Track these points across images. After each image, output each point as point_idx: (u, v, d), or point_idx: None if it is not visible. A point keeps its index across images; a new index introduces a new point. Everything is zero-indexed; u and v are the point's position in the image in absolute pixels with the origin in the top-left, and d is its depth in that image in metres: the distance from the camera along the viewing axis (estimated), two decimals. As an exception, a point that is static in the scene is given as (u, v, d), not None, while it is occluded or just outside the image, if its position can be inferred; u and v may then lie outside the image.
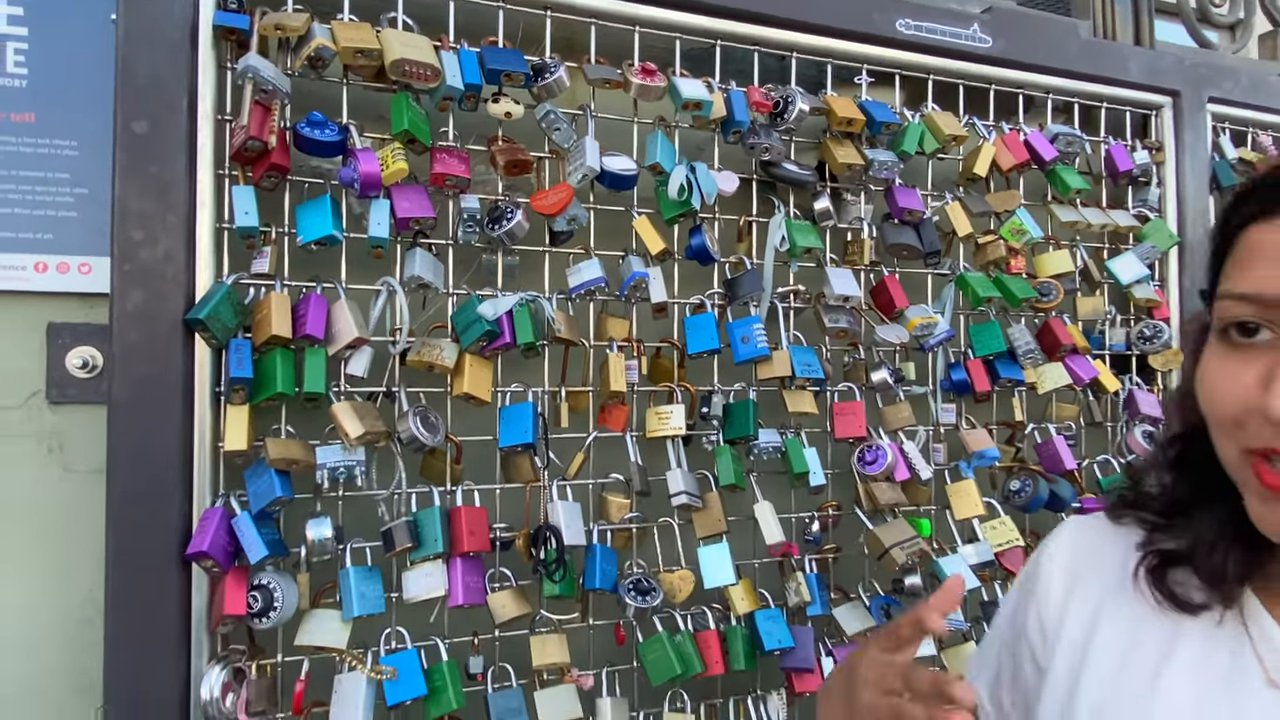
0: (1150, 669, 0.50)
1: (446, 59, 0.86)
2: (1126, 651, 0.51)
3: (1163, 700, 0.49)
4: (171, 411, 0.77)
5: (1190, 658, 0.49)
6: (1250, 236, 0.46)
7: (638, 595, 0.92)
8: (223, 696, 0.78)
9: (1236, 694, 0.47)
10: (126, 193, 0.77)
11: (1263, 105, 1.34)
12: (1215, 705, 0.48)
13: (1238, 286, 0.45)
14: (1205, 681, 0.48)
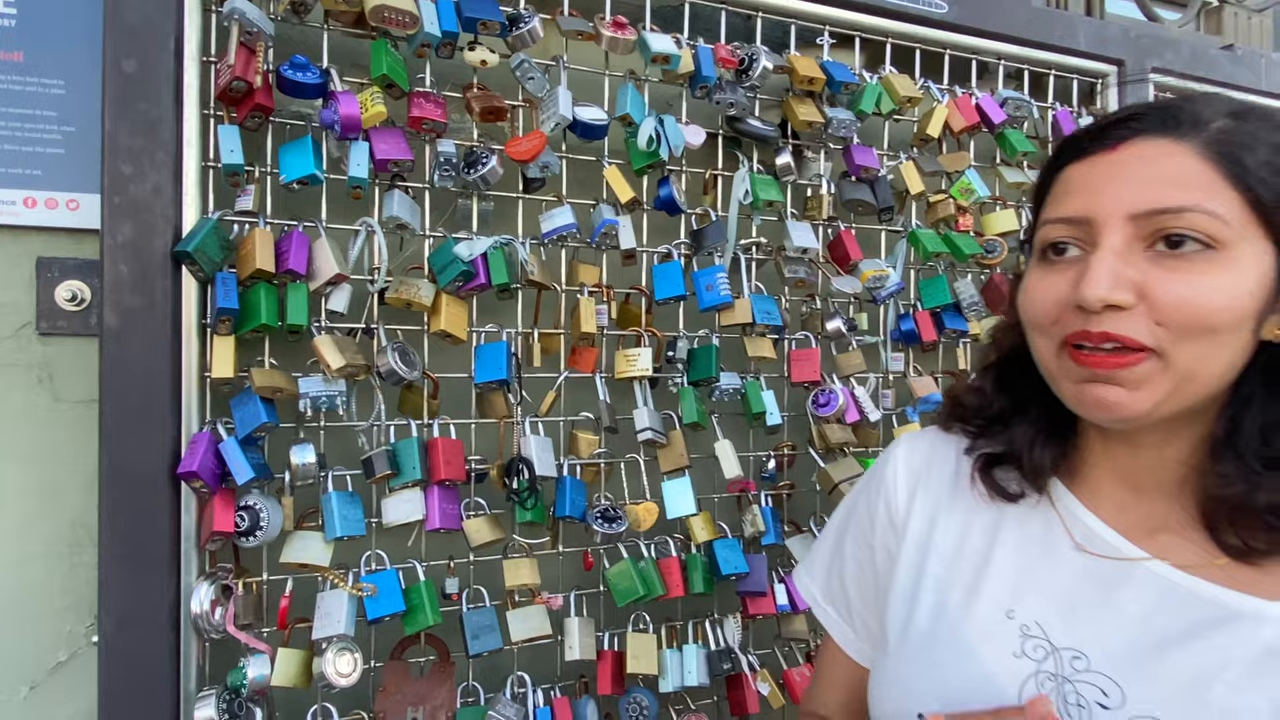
0: (983, 548, 0.62)
1: (424, 6, 0.89)
2: (962, 537, 0.62)
3: (994, 570, 0.61)
4: (160, 340, 0.81)
5: (1013, 536, 0.61)
6: (1063, 175, 0.57)
7: (604, 523, 0.98)
8: (211, 610, 0.83)
9: (1052, 558, 0.59)
10: (116, 129, 0.80)
11: (1202, 76, 1.41)
12: (1035, 569, 0.59)
13: (1054, 213, 0.57)
14: (1027, 552, 0.60)
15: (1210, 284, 0.52)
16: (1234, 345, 0.53)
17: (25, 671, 0.88)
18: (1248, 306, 0.52)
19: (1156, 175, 0.53)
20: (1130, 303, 0.52)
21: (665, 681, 1.01)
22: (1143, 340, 0.52)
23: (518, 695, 0.96)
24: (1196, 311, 0.51)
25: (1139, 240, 0.53)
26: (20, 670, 0.88)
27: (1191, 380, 0.53)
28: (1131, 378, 0.52)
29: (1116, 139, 0.55)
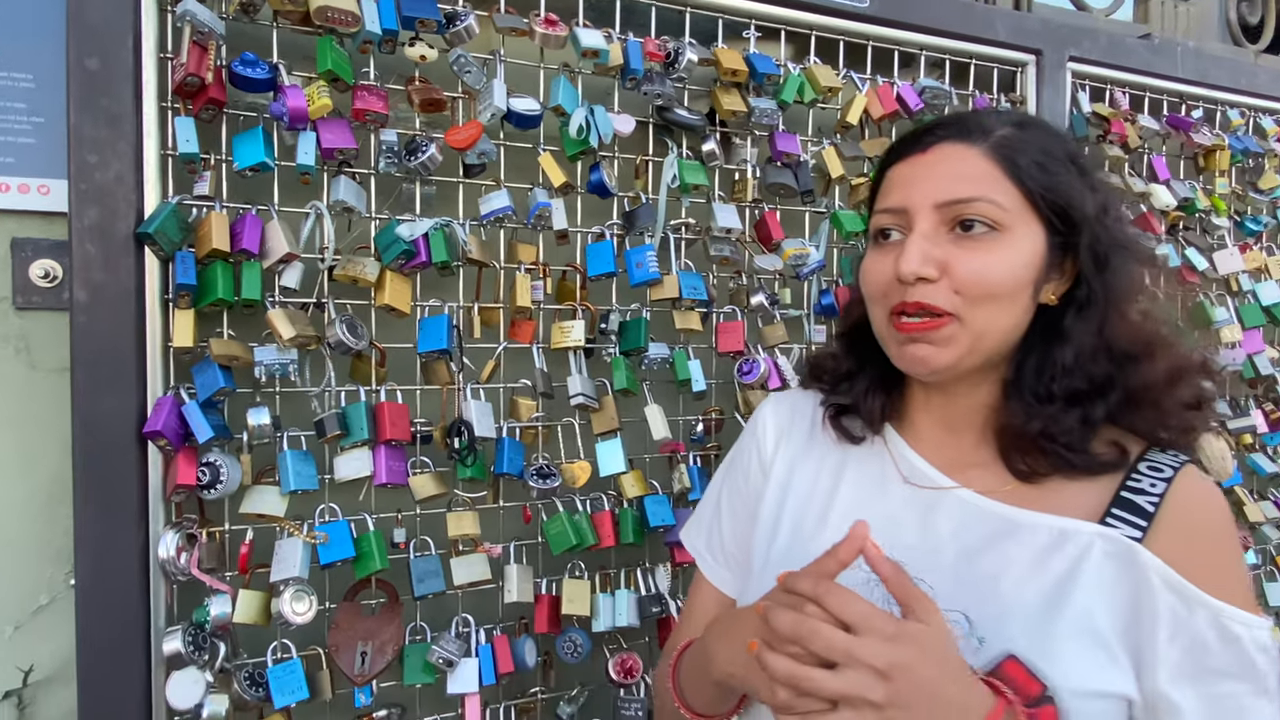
0: (830, 485, 0.75)
1: (366, 6, 0.97)
2: (815, 477, 0.75)
3: (839, 501, 0.74)
4: (125, 313, 0.90)
5: (855, 474, 0.74)
6: (888, 174, 0.70)
7: (539, 479, 1.08)
8: (177, 556, 0.92)
9: (884, 490, 0.72)
10: (81, 121, 0.88)
11: (1119, 64, 1.50)
12: (871, 500, 0.72)
13: (881, 205, 0.69)
14: (865, 486, 0.73)
15: (995, 259, 0.64)
16: (1016, 308, 0.65)
17: (10, 614, 0.98)
18: (1024, 277, 0.64)
19: (954, 172, 0.65)
20: (935, 276, 0.63)
21: (598, 622, 1.11)
22: (945, 307, 0.63)
23: (462, 634, 1.06)
24: (985, 282, 0.63)
25: (943, 225, 0.64)
26: (5, 612, 0.98)
27: (984, 338, 0.64)
28: (939, 338, 0.64)
29: (926, 144, 0.67)
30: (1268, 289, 1.65)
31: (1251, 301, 1.64)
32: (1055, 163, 0.67)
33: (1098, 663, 0.62)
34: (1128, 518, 0.65)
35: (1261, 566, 1.67)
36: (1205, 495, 0.68)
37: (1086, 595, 0.63)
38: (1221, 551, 0.66)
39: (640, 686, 1.15)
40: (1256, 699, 0.62)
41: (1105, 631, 0.63)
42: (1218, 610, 0.62)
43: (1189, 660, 0.62)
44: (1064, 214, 0.66)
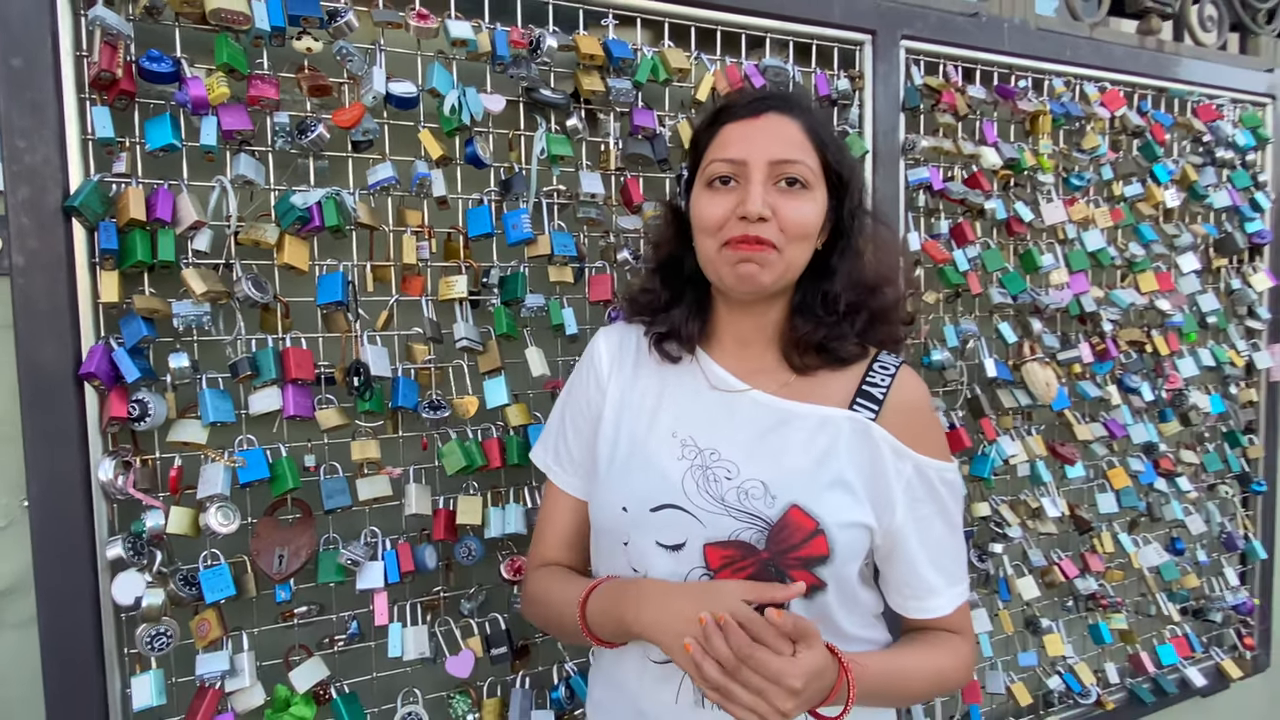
0: (655, 398, 0.94)
1: (255, 5, 1.12)
2: (644, 393, 0.95)
3: (663, 409, 0.92)
4: (58, 275, 1.06)
5: (674, 387, 0.95)
6: (723, 131, 0.90)
7: (431, 410, 1.27)
8: (115, 479, 1.09)
9: (697, 396, 0.93)
10: (9, 111, 1.03)
11: (949, 40, 1.70)
12: (688, 404, 0.93)
13: (719, 155, 0.88)
14: (682, 394, 0.92)
15: (807, 208, 0.87)
16: (809, 247, 0.90)
17: (-27, 536, 1.14)
18: (817, 224, 0.89)
19: (783, 137, 0.86)
20: (770, 216, 0.85)
21: (490, 530, 1.31)
22: (773, 240, 0.85)
23: (369, 543, 1.25)
24: (801, 224, 0.87)
25: (771, 178, 0.86)
26: (-31, 535, 1.14)
27: (790, 266, 0.88)
28: (764, 260, 0.86)
29: (758, 110, 0.88)
30: (1092, 236, 1.89)
31: (1078, 247, 1.89)
32: (837, 140, 0.90)
33: (848, 504, 0.87)
34: (866, 405, 0.92)
35: (1093, 480, 1.94)
36: (914, 385, 0.96)
37: (839, 460, 0.88)
38: (923, 423, 0.94)
39: (528, 584, 1.35)
40: (939, 516, 0.93)
41: (853, 482, 0.88)
42: (919, 462, 0.91)
43: (905, 497, 0.90)
44: (840, 180, 0.91)
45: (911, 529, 0.90)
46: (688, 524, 0.85)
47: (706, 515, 0.85)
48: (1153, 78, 2.01)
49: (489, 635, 1.33)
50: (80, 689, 1.09)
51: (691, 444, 0.90)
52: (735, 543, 0.85)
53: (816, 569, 0.85)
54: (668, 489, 0.88)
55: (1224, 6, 2.30)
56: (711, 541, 0.85)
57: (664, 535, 0.86)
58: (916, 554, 0.91)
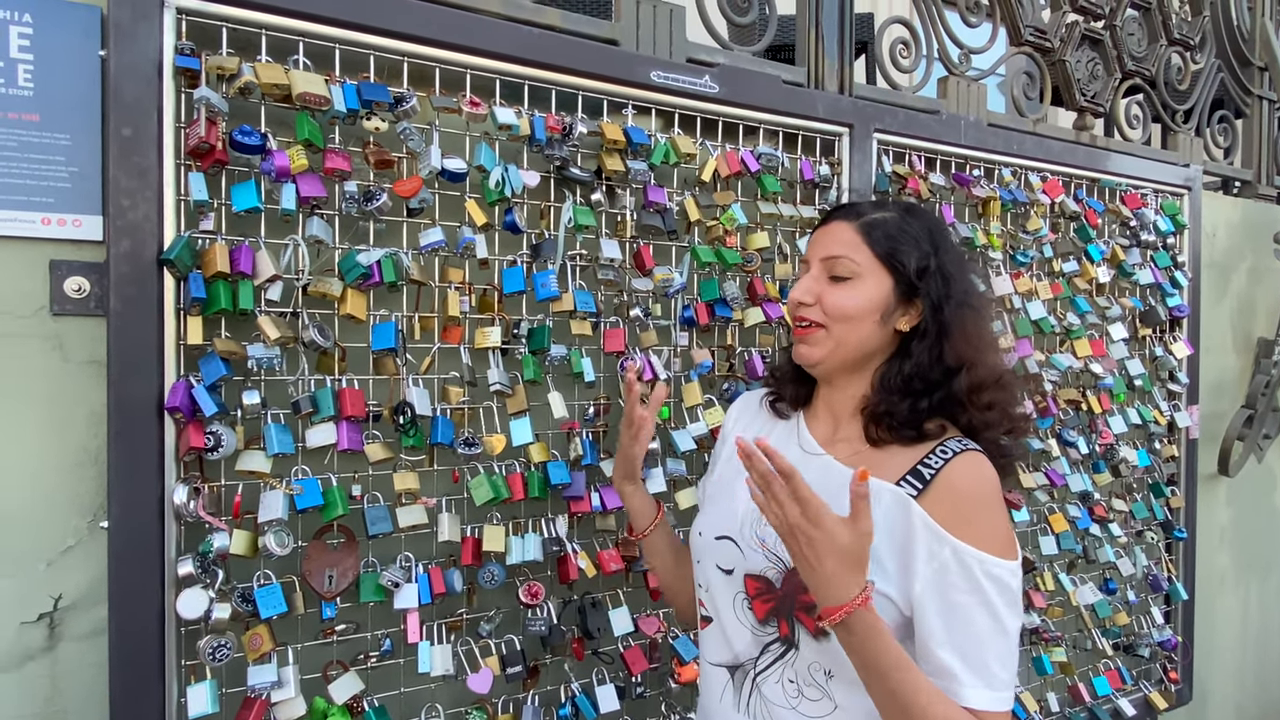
0: None
1: (334, 91, 1.29)
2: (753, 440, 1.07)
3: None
4: (150, 318, 1.19)
5: (775, 438, 1.09)
6: (811, 236, 1.08)
7: (466, 447, 1.42)
8: (187, 503, 1.21)
9: (787, 451, 1.05)
10: (118, 174, 1.17)
11: (915, 134, 1.95)
12: None
13: (803, 255, 1.09)
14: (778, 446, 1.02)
15: (847, 294, 1.00)
16: (864, 326, 1.00)
17: (43, 553, 1.24)
18: (868, 307, 1.00)
19: (836, 239, 1.03)
20: (811, 302, 1.01)
21: (510, 557, 1.45)
22: (817, 320, 1.01)
23: (404, 566, 1.38)
24: (840, 308, 1.00)
25: (824, 271, 1.02)
26: (40, 551, 1.24)
27: (842, 344, 1.01)
28: (811, 340, 1.02)
29: (828, 220, 1.06)
30: (1035, 307, 2.15)
31: (1023, 316, 2.14)
32: (905, 236, 1.01)
33: (872, 571, 0.90)
34: (913, 482, 0.96)
35: (1035, 524, 2.16)
36: (969, 472, 0.95)
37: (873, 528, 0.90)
38: (971, 511, 0.92)
39: (544, 608, 1.49)
40: (981, 608, 0.89)
41: (879, 550, 0.92)
42: (957, 547, 0.90)
43: (936, 577, 0.90)
44: (901, 269, 1.00)
45: (934, 608, 0.89)
46: (735, 555, 1.02)
47: (748, 550, 1.01)
48: (1088, 170, 2.31)
49: (504, 655, 1.46)
50: (143, 697, 1.19)
51: None
52: (763, 577, 1.00)
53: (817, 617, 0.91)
54: (730, 524, 1.04)
55: (1147, 106, 2.63)
56: (749, 573, 1.00)
57: (721, 560, 1.03)
58: (935, 632, 0.89)
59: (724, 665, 1.04)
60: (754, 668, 1.00)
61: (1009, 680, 0.89)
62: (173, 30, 1.20)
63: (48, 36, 1.22)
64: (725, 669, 1.04)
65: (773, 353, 1.78)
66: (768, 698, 0.98)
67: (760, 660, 0.99)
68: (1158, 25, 2.61)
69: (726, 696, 1.03)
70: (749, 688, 1.00)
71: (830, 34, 1.90)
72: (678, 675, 1.62)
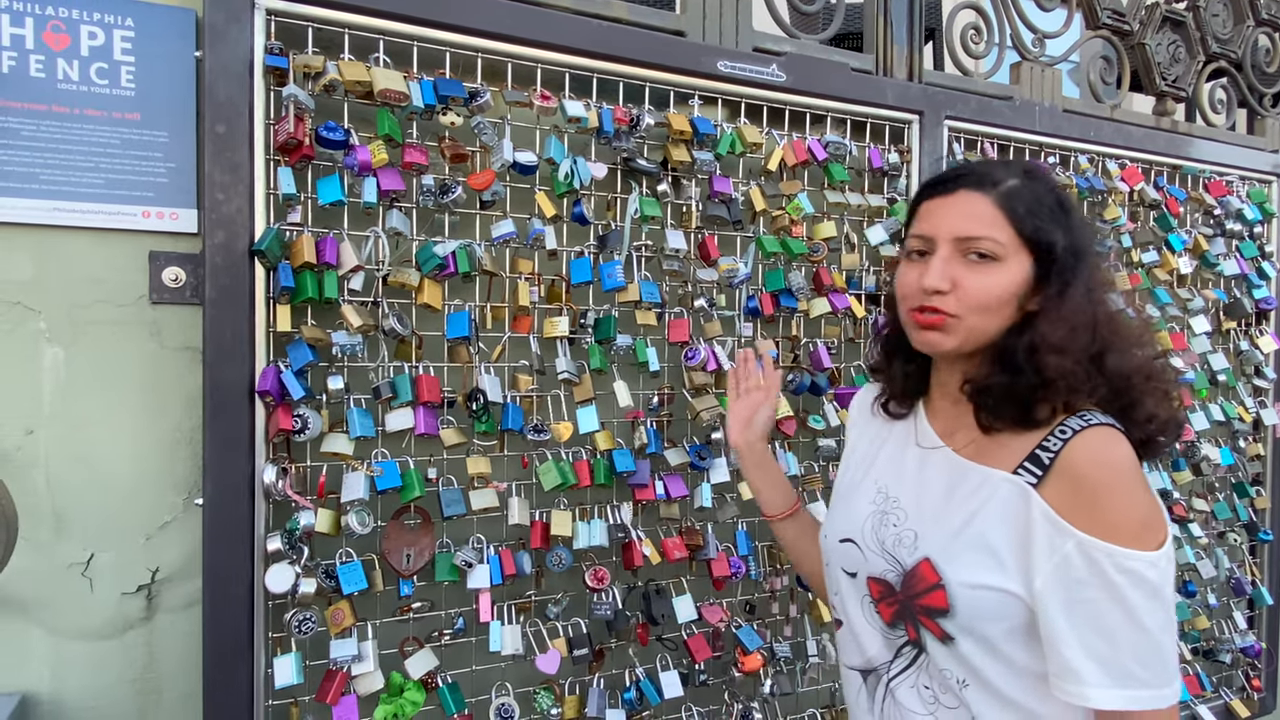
0: (875, 449, 1.06)
1: (413, 87, 1.34)
2: (869, 444, 1.07)
3: (875, 463, 1.04)
4: (242, 306, 1.25)
5: (893, 440, 1.04)
6: (921, 207, 0.93)
7: (535, 433, 1.45)
8: (276, 482, 1.27)
9: (903, 451, 1.01)
10: (212, 169, 1.23)
11: (988, 121, 1.91)
12: (892, 458, 1.02)
13: (914, 231, 0.93)
14: (892, 449, 1.03)
15: (992, 280, 0.86)
16: (1003, 314, 0.88)
17: (144, 527, 1.32)
18: (1010, 294, 0.87)
19: (969, 213, 0.87)
20: (947, 289, 0.87)
21: (577, 541, 1.48)
22: (952, 311, 0.87)
23: (476, 548, 1.42)
24: (983, 296, 0.86)
25: (957, 251, 0.88)
26: (141, 526, 1.32)
27: (975, 332, 0.88)
28: (944, 328, 0.88)
29: (951, 188, 0.90)
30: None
31: (1098, 308, 2.06)
32: (1044, 209, 0.87)
33: (986, 566, 0.85)
34: (1031, 469, 0.85)
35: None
36: (1089, 451, 0.84)
37: (986, 522, 0.86)
38: (1094, 497, 0.82)
39: (610, 592, 1.52)
40: (1112, 604, 0.80)
41: (998, 546, 0.85)
42: (1081, 540, 0.80)
43: (1058, 573, 0.81)
44: (1044, 249, 0.87)
45: (1057, 606, 0.82)
46: (858, 558, 0.97)
47: (869, 553, 0.95)
48: (1168, 156, 2.22)
49: (571, 638, 1.49)
50: (234, 666, 1.26)
51: (884, 492, 0.98)
52: (883, 580, 0.93)
53: (939, 620, 0.87)
54: (853, 526, 1.00)
55: (1232, 90, 2.52)
56: (871, 575, 0.95)
57: (846, 563, 0.99)
58: (1059, 631, 0.82)
59: (857, 669, 1.00)
60: (887, 672, 0.95)
61: (1153, 679, 0.81)
62: (262, 31, 1.26)
63: (147, 40, 1.29)
64: (859, 672, 0.99)
65: (838, 344, 1.77)
66: (902, 703, 0.93)
67: (894, 664, 0.95)
68: (1244, 5, 2.49)
69: (862, 699, 0.98)
70: (882, 692, 0.96)
71: (899, 20, 1.87)
72: (741, 664, 1.63)
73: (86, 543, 1.29)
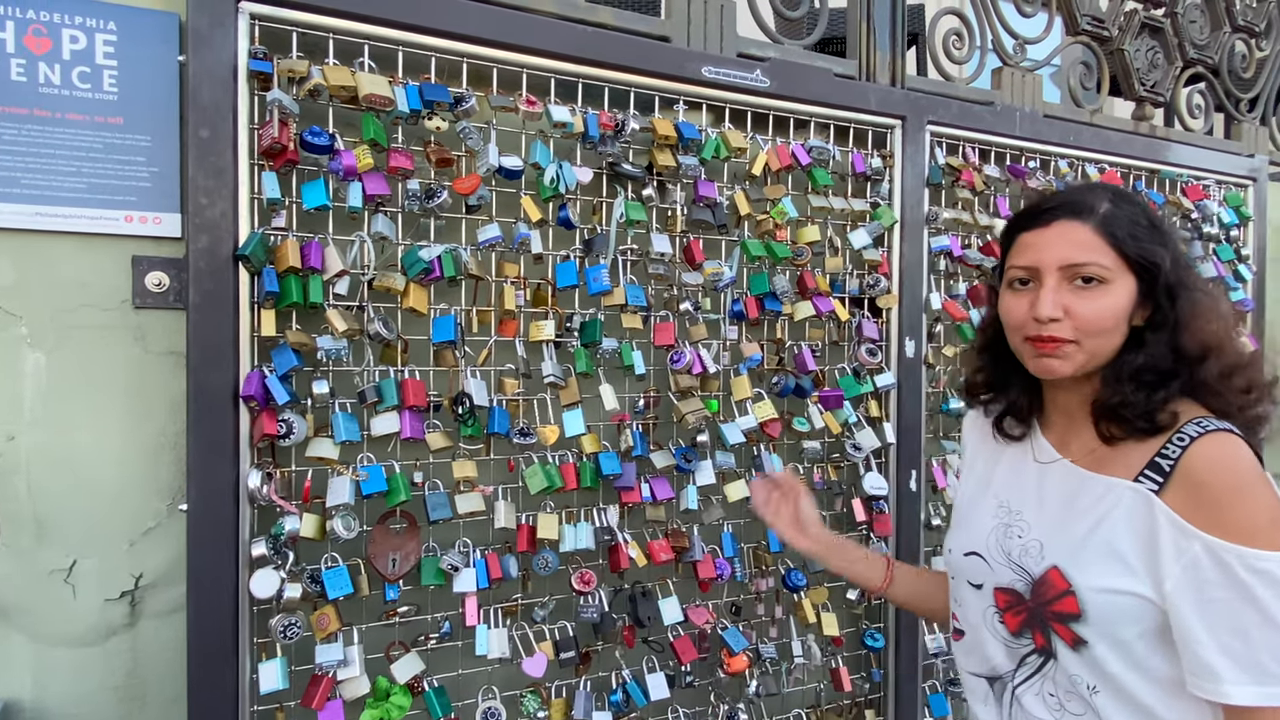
0: (992, 468, 1.06)
1: (398, 91, 1.34)
2: (986, 462, 1.08)
3: (994, 479, 1.05)
4: (226, 311, 1.25)
5: (1007, 459, 1.04)
6: (1019, 239, 0.95)
7: (521, 437, 1.45)
8: (260, 487, 1.27)
9: (1022, 467, 1.01)
10: (196, 174, 1.23)
11: (969, 126, 1.94)
12: (1012, 475, 1.02)
13: (1016, 263, 0.95)
14: (1011, 466, 1.04)
15: (1102, 304, 0.89)
16: (1117, 335, 0.91)
17: (127, 533, 1.31)
18: (1120, 314, 0.90)
19: (1072, 242, 0.90)
20: (1061, 317, 0.89)
21: (564, 544, 1.48)
22: (1068, 338, 0.90)
23: (463, 552, 1.42)
24: (1096, 321, 0.89)
25: (1064, 280, 0.90)
26: (124, 532, 1.31)
27: (1094, 356, 0.91)
28: (1063, 355, 0.90)
29: (1047, 220, 0.93)
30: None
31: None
32: (1140, 229, 0.91)
33: (1115, 571, 0.87)
34: (1152, 476, 0.88)
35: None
36: (1209, 457, 0.87)
37: (1114, 529, 0.88)
38: (1217, 499, 0.84)
39: (596, 595, 1.52)
40: (1244, 604, 0.81)
41: (1125, 552, 0.87)
42: (1209, 543, 0.82)
43: (1187, 575, 0.83)
44: (1148, 268, 0.90)
45: (1189, 608, 0.84)
46: (984, 570, 1.00)
47: (995, 564, 0.98)
48: (1147, 160, 2.25)
49: (558, 641, 1.49)
50: (218, 672, 1.25)
51: (1006, 506, 1.01)
52: (1011, 590, 0.96)
53: (1072, 625, 0.90)
54: (976, 540, 1.02)
55: (1210, 95, 2.56)
56: (998, 586, 0.98)
57: (971, 576, 1.02)
58: (1193, 631, 0.84)
59: (983, 675, 1.03)
60: (1012, 680, 0.98)
61: None
62: (246, 35, 1.26)
63: (130, 43, 1.29)
64: (984, 679, 1.03)
65: (822, 346, 1.78)
66: (1028, 709, 0.96)
67: (1018, 673, 0.98)
68: (1221, 12, 2.53)
69: (990, 703, 1.02)
70: (1008, 699, 0.99)
71: (882, 26, 1.89)
72: (727, 666, 1.64)
73: (69, 549, 1.28)
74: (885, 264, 1.82)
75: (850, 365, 1.79)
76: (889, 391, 1.82)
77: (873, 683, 1.86)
